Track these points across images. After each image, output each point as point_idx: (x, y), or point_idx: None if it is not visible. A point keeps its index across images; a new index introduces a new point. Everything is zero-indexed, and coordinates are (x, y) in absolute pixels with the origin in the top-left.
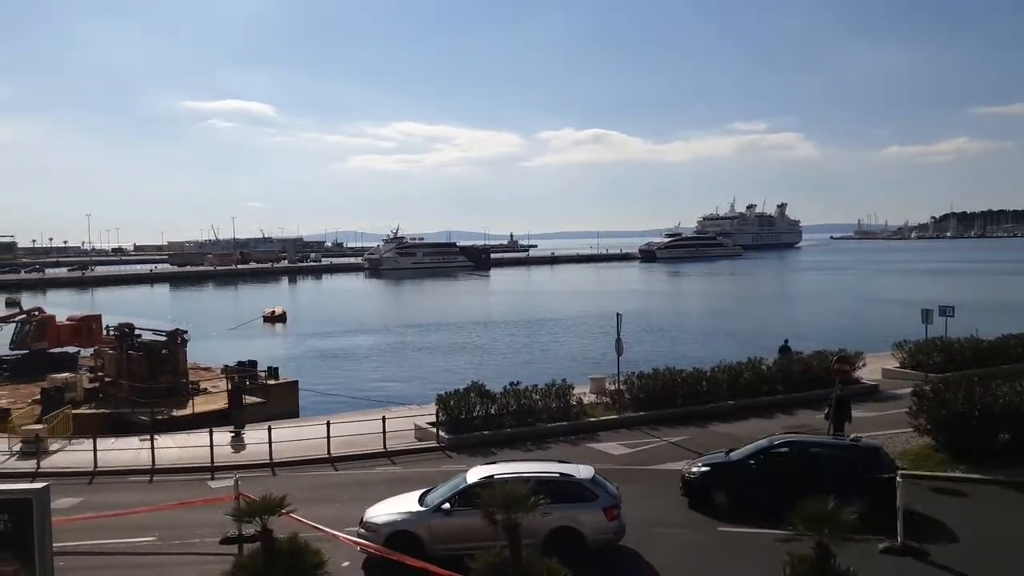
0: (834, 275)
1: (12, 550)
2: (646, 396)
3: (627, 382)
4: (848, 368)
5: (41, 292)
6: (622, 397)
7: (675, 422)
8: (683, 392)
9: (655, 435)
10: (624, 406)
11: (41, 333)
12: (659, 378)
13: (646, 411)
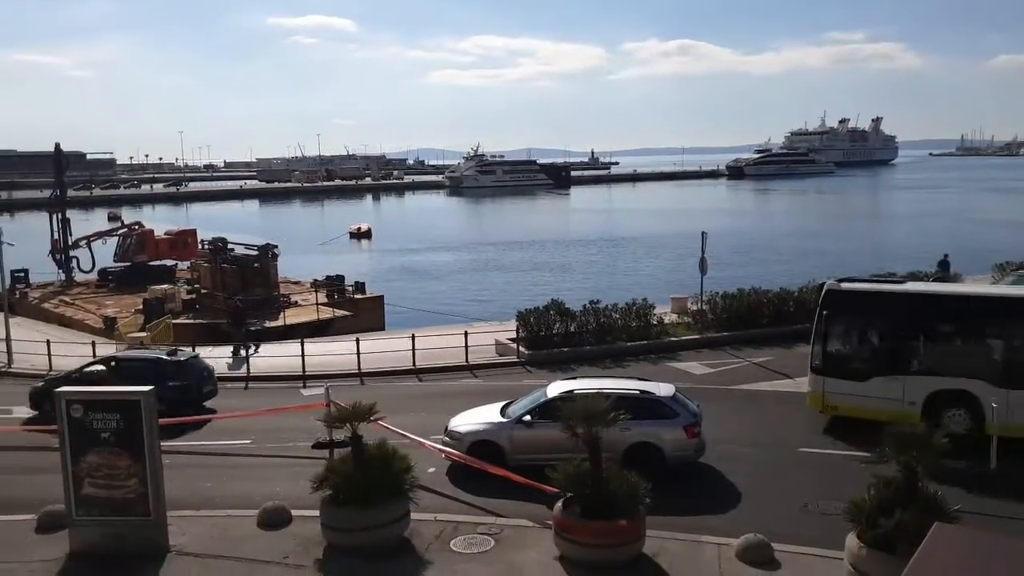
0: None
1: (124, 446)
2: (729, 316)
3: (710, 302)
4: None
5: (138, 207)
6: (704, 317)
7: (759, 343)
8: (768, 312)
9: (738, 356)
10: (706, 326)
11: (141, 246)
12: (743, 298)
13: (729, 331)
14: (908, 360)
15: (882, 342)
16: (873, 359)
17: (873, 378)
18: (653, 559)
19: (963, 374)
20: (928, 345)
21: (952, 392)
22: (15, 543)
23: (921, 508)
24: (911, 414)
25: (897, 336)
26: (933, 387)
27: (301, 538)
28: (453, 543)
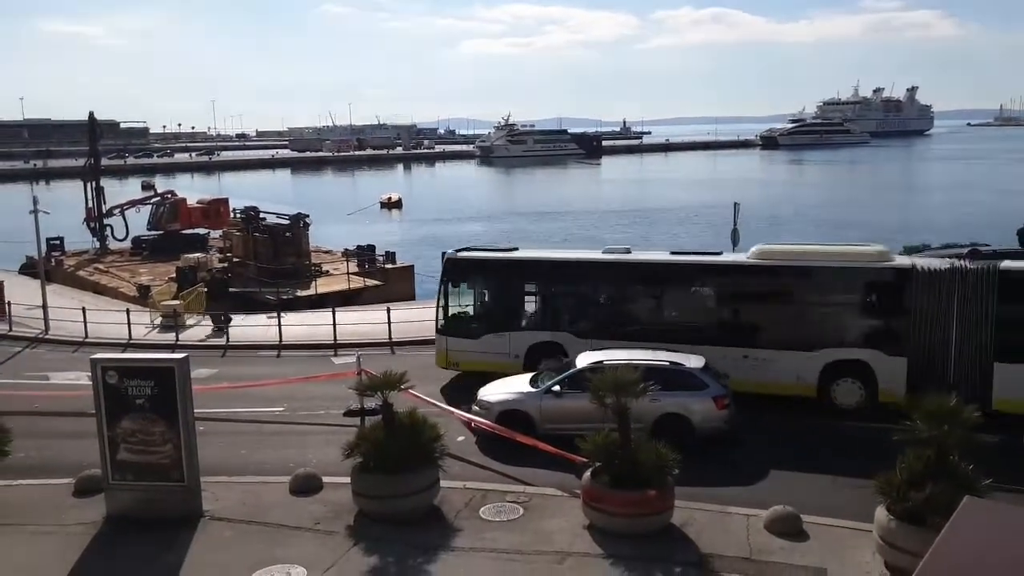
0: (969, 165)
1: (158, 412)
2: None
3: None
4: None
5: (171, 176)
6: None
7: None
8: None
9: None
10: None
11: (174, 215)
12: None
13: None
14: (512, 319)
15: (492, 303)
16: (485, 319)
17: (485, 335)
18: (681, 529)
19: (557, 329)
20: (528, 304)
21: (546, 343)
22: (54, 506)
23: (951, 482)
24: (516, 365)
25: (504, 298)
26: (532, 341)
27: (332, 505)
28: (482, 511)
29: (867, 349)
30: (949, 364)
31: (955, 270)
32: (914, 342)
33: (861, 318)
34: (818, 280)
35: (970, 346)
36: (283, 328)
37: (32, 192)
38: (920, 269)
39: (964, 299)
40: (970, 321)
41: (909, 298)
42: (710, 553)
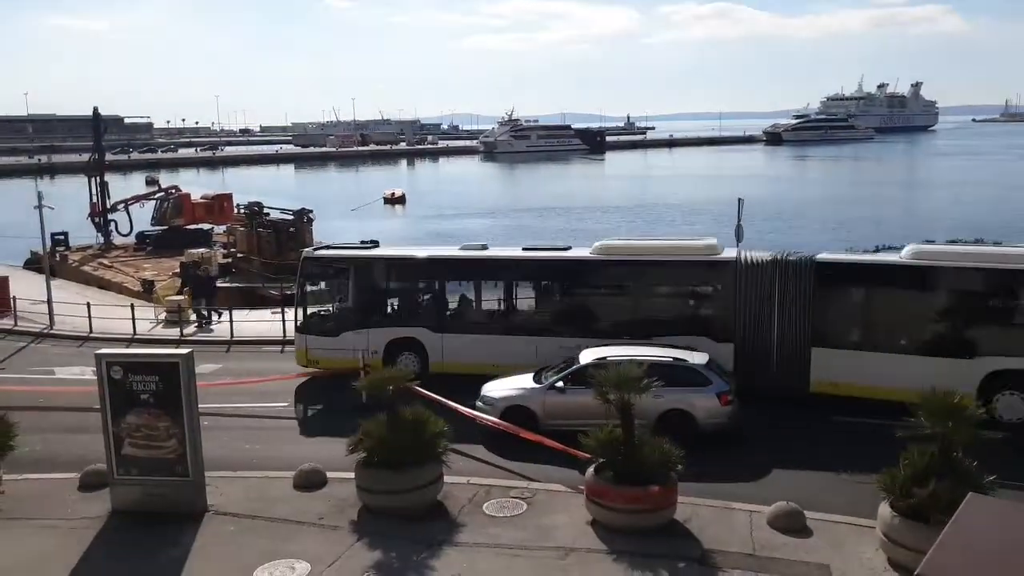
0: (974, 161)
1: (163, 407)
2: None
3: None
4: None
5: (175, 171)
6: None
7: None
8: None
9: None
10: None
11: (178, 210)
12: None
13: None
14: (370, 315)
15: (349, 301)
16: (343, 316)
17: (344, 332)
18: (685, 525)
19: (414, 324)
20: (385, 301)
21: (404, 339)
22: (59, 500)
23: (955, 478)
24: (375, 361)
25: (361, 295)
26: (389, 337)
27: (336, 500)
28: (486, 506)
29: (698, 337)
30: (772, 349)
31: (776, 262)
32: (740, 329)
33: (692, 308)
34: (652, 273)
35: (790, 332)
36: (286, 323)
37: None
38: (743, 262)
39: (784, 289)
40: (790, 309)
41: (734, 289)
42: (713, 549)
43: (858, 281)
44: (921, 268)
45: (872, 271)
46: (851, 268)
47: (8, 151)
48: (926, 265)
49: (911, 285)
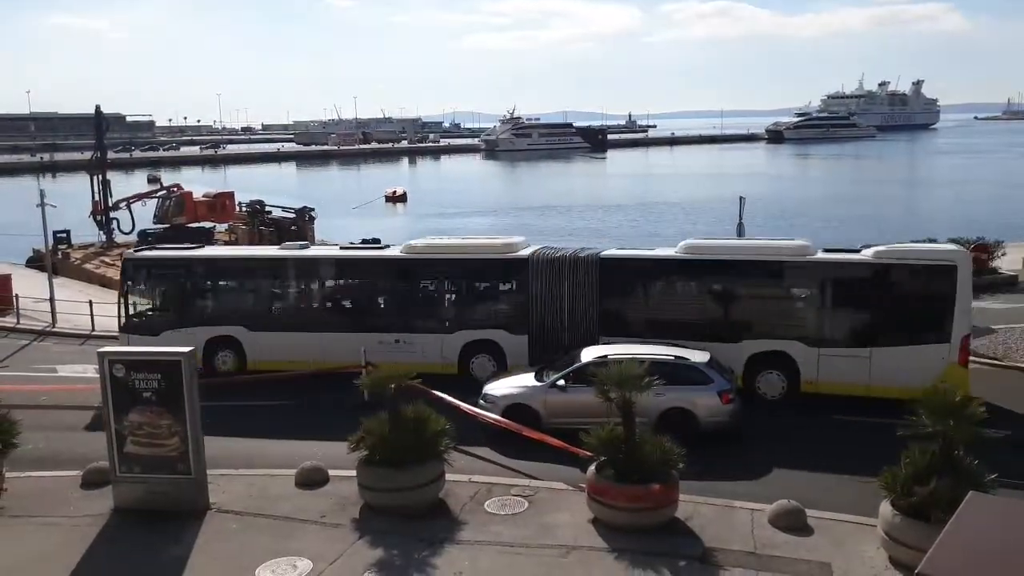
0: (976, 159)
1: (165, 405)
2: None
3: None
4: (985, 257)
5: (177, 169)
6: None
7: None
8: None
9: None
10: None
11: (180, 208)
12: None
13: None
14: (189, 314)
15: (170, 300)
16: (164, 316)
17: (164, 331)
18: (686, 523)
19: (231, 323)
20: (204, 300)
21: (222, 338)
22: (62, 498)
23: (956, 477)
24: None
25: (181, 294)
26: (208, 335)
27: (338, 498)
28: (487, 504)
29: (496, 329)
30: (563, 339)
31: (565, 259)
32: (534, 322)
33: (491, 303)
34: (457, 271)
35: (580, 324)
36: None
37: (39, 185)
38: (536, 259)
39: (574, 284)
40: (580, 302)
41: (529, 284)
42: (714, 547)
43: (639, 275)
44: (691, 261)
45: (650, 265)
46: (631, 263)
47: (10, 149)
48: (695, 258)
49: (683, 277)
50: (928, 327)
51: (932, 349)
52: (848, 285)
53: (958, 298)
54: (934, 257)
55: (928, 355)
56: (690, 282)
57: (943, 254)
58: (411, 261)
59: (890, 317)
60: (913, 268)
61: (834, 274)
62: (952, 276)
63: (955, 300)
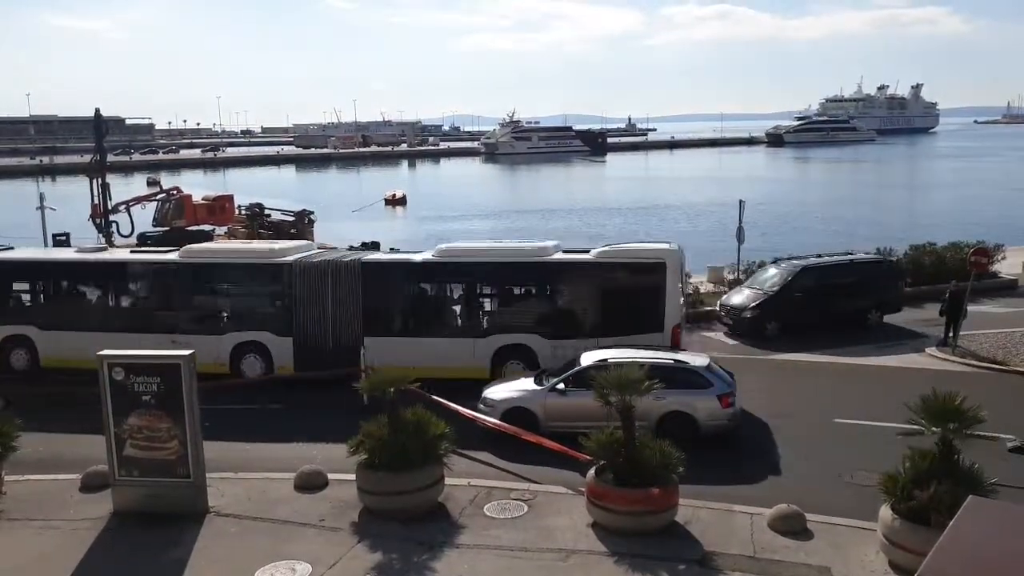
0: (976, 162)
1: (165, 408)
2: None
3: (747, 271)
4: (985, 261)
5: (177, 172)
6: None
7: None
8: None
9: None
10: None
11: (179, 211)
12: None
13: None
14: None
15: None
16: None
17: None
18: (685, 527)
19: (22, 322)
20: (2, 301)
21: (15, 336)
22: (61, 501)
23: (956, 481)
24: None
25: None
26: (3, 334)
27: (337, 501)
28: (487, 508)
29: (264, 332)
30: (328, 341)
31: (328, 264)
32: (298, 325)
33: (260, 307)
34: (229, 274)
35: (344, 325)
36: None
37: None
38: (298, 265)
39: (337, 287)
40: (343, 304)
41: (293, 289)
42: (714, 551)
43: (397, 278)
44: (443, 264)
45: (409, 269)
46: (392, 267)
47: (10, 152)
48: (446, 261)
49: (437, 278)
50: (644, 319)
51: (648, 339)
52: (576, 283)
53: (668, 292)
54: (646, 256)
55: (647, 343)
56: (444, 282)
57: (654, 253)
58: (185, 265)
59: (612, 310)
60: (629, 266)
61: (564, 273)
62: (662, 273)
63: (665, 294)
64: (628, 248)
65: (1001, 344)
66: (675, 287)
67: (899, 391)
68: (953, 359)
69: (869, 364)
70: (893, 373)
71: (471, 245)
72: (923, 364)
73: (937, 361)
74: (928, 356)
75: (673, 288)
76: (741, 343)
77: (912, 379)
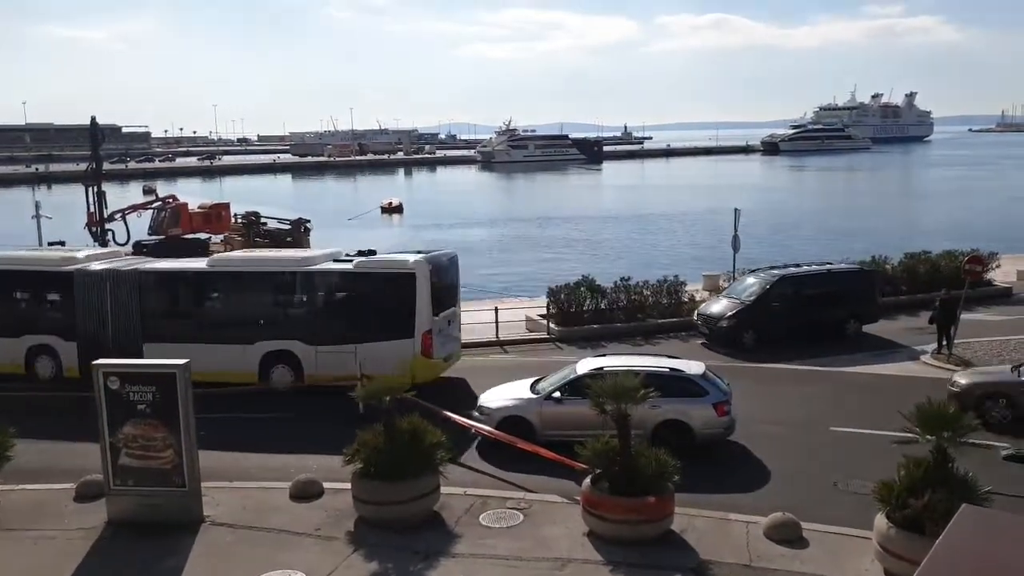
0: (968, 171)
1: (160, 418)
2: None
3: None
4: (979, 269)
5: (173, 180)
6: None
7: None
8: None
9: None
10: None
11: (175, 220)
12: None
13: None
14: None
15: None
16: None
17: None
18: (681, 536)
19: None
20: None
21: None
22: (55, 511)
23: (951, 489)
24: None
25: None
26: None
27: (333, 510)
28: (482, 517)
29: (51, 336)
30: (109, 346)
31: (108, 272)
32: (82, 329)
33: (43, 313)
34: (22, 282)
35: (124, 331)
36: None
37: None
38: (81, 273)
39: (116, 294)
40: (123, 311)
41: (77, 295)
42: (709, 560)
43: (173, 286)
44: (215, 272)
45: (182, 277)
46: (166, 275)
47: (6, 160)
48: (217, 270)
49: (210, 287)
50: (396, 325)
51: (401, 344)
52: (337, 291)
53: (418, 301)
54: (397, 267)
55: (399, 349)
56: (216, 290)
57: (404, 264)
58: None
59: (369, 318)
60: (383, 276)
61: (325, 282)
62: (412, 282)
63: (416, 302)
64: (383, 259)
65: (996, 352)
66: (425, 296)
67: (893, 399)
68: (948, 367)
69: (863, 372)
70: (887, 381)
71: (243, 254)
72: (918, 372)
73: (932, 369)
74: (923, 364)
75: (423, 297)
76: (718, 353)
77: (906, 387)
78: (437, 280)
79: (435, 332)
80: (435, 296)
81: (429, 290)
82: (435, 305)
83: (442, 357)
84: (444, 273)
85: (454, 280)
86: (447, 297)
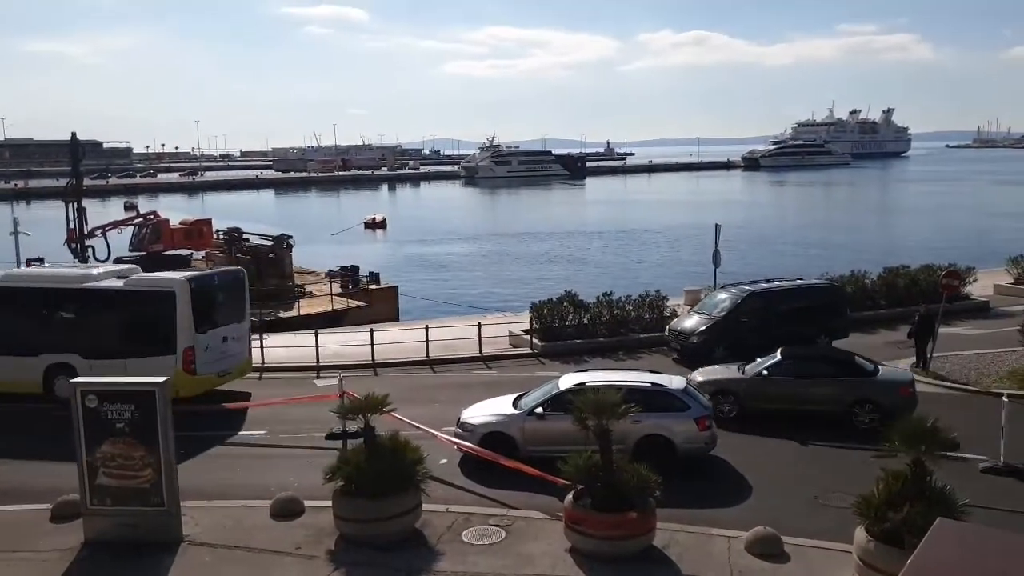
0: (946, 186)
1: (139, 436)
2: None
3: None
4: (957, 283)
5: (154, 196)
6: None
7: None
8: None
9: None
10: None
11: (156, 236)
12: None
13: None
14: None
15: None
16: None
17: None
18: (663, 551)
19: None
20: None
21: None
22: (30, 532)
23: (929, 503)
24: None
25: None
26: None
27: (314, 529)
28: (464, 534)
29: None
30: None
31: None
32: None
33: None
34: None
35: None
36: (265, 350)
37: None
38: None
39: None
40: None
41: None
42: (692, 575)
43: None
44: (3, 288)
45: None
46: None
47: None
48: (5, 286)
49: (1, 301)
50: (160, 341)
51: (165, 359)
52: (108, 307)
53: (179, 318)
54: (160, 285)
55: (163, 364)
56: (5, 304)
57: (166, 282)
58: None
59: (136, 333)
60: (147, 294)
61: (100, 298)
62: (173, 301)
63: (176, 319)
64: (149, 277)
65: (973, 365)
66: (186, 314)
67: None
68: (926, 380)
69: None
70: None
71: (31, 271)
72: None
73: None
74: None
75: (184, 314)
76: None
77: None
78: (205, 298)
79: (202, 348)
80: (205, 314)
81: (190, 308)
82: (205, 323)
83: (214, 373)
84: (215, 292)
85: (235, 298)
86: (223, 315)
